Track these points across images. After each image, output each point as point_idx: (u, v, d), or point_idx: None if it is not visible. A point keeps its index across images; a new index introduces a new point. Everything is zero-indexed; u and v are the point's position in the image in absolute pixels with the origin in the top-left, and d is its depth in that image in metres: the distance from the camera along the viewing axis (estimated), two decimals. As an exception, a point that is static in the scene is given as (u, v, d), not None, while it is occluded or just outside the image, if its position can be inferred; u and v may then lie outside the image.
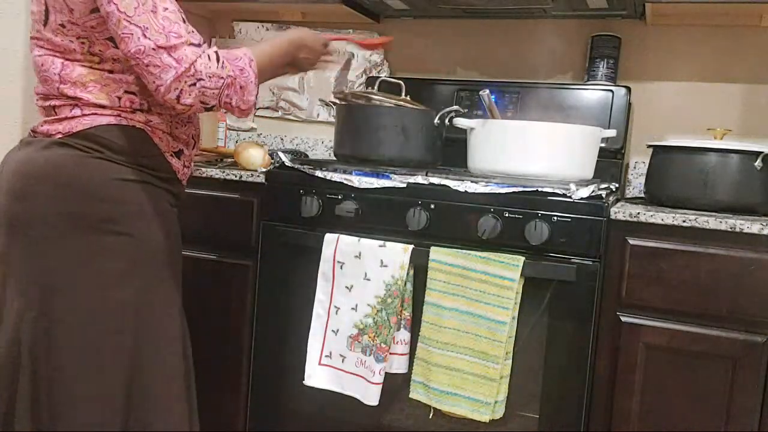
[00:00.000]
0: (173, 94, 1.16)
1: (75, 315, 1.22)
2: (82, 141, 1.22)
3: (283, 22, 2.38)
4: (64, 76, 1.23)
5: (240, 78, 1.22)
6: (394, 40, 2.26)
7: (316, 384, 1.61)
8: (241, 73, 1.22)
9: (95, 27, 1.21)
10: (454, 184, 1.53)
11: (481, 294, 1.47)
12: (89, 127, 1.23)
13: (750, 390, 1.41)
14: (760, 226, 1.38)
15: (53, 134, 1.24)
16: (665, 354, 1.46)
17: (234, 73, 1.21)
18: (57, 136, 1.24)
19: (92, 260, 1.22)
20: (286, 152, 1.87)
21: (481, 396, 1.48)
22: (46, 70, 1.24)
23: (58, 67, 1.23)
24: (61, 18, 1.21)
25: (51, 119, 1.26)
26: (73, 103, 1.24)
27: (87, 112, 1.24)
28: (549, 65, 2.12)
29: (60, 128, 1.24)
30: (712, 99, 1.97)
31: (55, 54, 1.24)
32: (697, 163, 1.58)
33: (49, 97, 1.26)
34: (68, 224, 1.21)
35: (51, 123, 1.25)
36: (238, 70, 1.22)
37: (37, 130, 1.28)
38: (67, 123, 1.24)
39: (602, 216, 1.44)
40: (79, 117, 1.24)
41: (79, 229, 1.21)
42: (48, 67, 1.24)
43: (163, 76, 1.14)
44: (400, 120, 1.71)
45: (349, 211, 1.60)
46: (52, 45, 1.23)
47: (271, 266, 1.71)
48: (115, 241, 1.23)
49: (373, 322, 1.55)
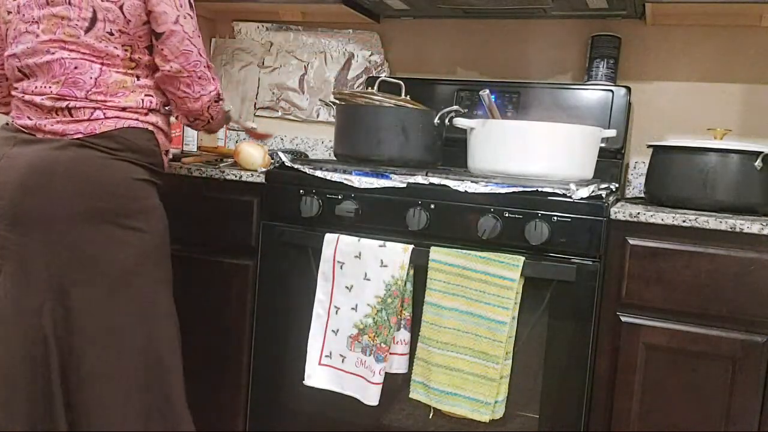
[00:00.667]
0: (208, 104, 1.42)
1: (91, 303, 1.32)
2: (106, 142, 1.33)
3: (283, 22, 2.38)
4: (101, 81, 1.33)
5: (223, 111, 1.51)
6: (394, 40, 2.26)
7: (316, 384, 1.61)
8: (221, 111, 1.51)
9: (141, 37, 1.37)
10: (454, 184, 1.53)
11: (481, 294, 1.47)
12: (113, 129, 1.33)
13: (750, 390, 1.41)
14: (760, 226, 1.38)
15: (70, 134, 1.32)
16: (665, 354, 1.46)
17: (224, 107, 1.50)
18: (75, 137, 1.32)
19: (107, 251, 1.33)
20: (286, 152, 1.87)
21: (481, 396, 1.48)
22: (81, 74, 1.33)
23: (96, 72, 1.34)
24: (112, 26, 1.33)
25: (66, 120, 1.33)
26: (95, 106, 1.33)
27: (110, 114, 1.34)
28: (549, 65, 2.12)
29: (80, 129, 1.32)
30: (712, 99, 1.97)
31: (93, 59, 1.34)
32: (697, 163, 1.58)
33: (67, 98, 1.33)
34: (88, 219, 1.31)
35: (66, 123, 1.33)
36: None
37: (43, 129, 1.33)
38: (89, 124, 1.32)
39: (602, 216, 1.44)
40: (102, 119, 1.33)
41: (97, 223, 1.32)
42: (84, 71, 1.33)
43: (208, 88, 1.42)
44: (400, 120, 1.71)
45: (349, 211, 1.60)
46: (93, 50, 1.33)
47: (271, 266, 1.71)
48: (128, 234, 1.35)
49: (373, 322, 1.55)
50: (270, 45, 2.41)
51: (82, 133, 1.32)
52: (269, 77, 2.42)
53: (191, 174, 1.76)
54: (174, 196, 1.78)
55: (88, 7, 1.31)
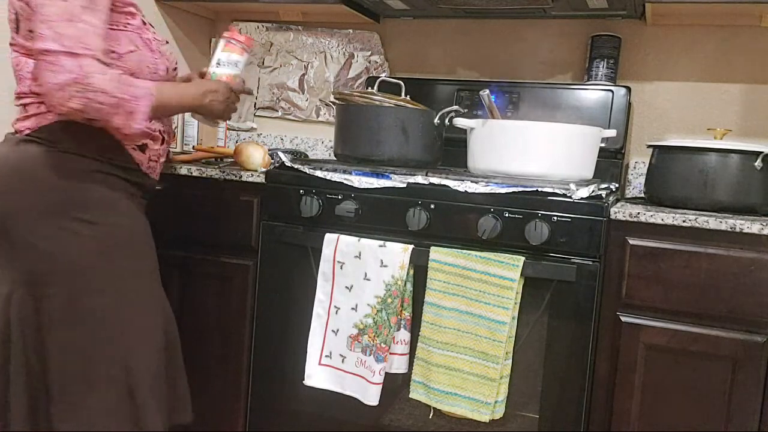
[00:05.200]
0: (61, 95, 1.21)
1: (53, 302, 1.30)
2: (47, 135, 1.32)
3: (283, 22, 2.38)
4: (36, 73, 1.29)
5: (130, 103, 1.27)
6: (394, 40, 2.26)
7: (316, 384, 1.61)
8: (134, 99, 1.27)
9: None
10: (454, 184, 1.53)
11: (481, 294, 1.47)
12: (53, 122, 1.32)
13: (750, 390, 1.41)
14: (760, 226, 1.38)
15: (22, 131, 1.34)
16: (665, 354, 1.46)
17: (125, 96, 1.26)
18: (25, 132, 1.34)
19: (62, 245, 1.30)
20: (286, 152, 1.87)
21: (480, 396, 1.48)
22: (21, 70, 1.35)
23: (30, 65, 1.33)
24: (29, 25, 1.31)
25: (22, 117, 1.36)
26: (39, 100, 1.33)
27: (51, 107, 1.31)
28: (549, 65, 2.12)
29: (28, 125, 1.34)
30: (712, 99, 1.97)
31: (28, 55, 1.34)
32: (697, 163, 1.58)
33: (22, 96, 1.36)
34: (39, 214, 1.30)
35: (21, 120, 1.36)
36: (131, 96, 1.27)
37: (14, 127, 1.38)
38: (35, 119, 1.34)
39: (602, 216, 1.44)
40: (44, 113, 1.33)
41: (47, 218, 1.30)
42: (22, 66, 1.35)
43: (59, 77, 1.21)
44: (400, 120, 1.71)
45: (349, 211, 1.60)
46: (25, 48, 1.34)
47: (271, 266, 1.71)
48: (82, 227, 1.31)
49: (373, 322, 1.55)
50: (270, 45, 2.41)
51: (29, 128, 1.33)
52: (269, 77, 2.42)
53: (191, 174, 1.76)
54: (174, 196, 1.78)
55: (12, 9, 1.34)
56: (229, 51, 1.51)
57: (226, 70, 1.50)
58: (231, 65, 1.51)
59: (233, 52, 1.51)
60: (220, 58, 1.51)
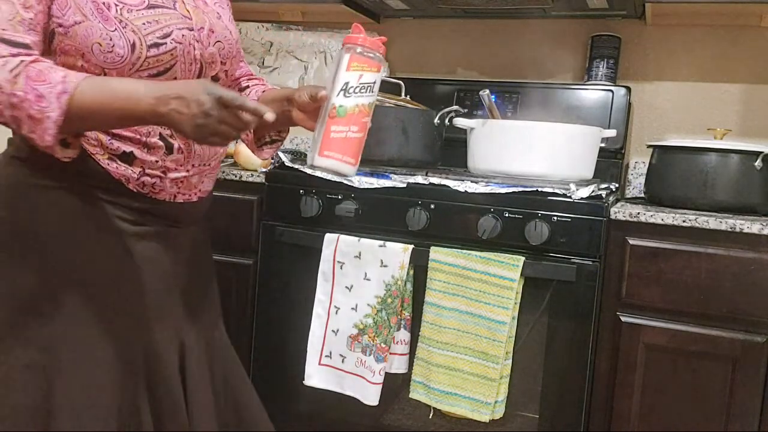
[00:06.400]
0: None
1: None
2: None
3: (283, 22, 2.38)
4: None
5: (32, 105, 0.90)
6: (395, 40, 2.26)
7: (316, 384, 1.61)
8: (37, 100, 0.90)
9: None
10: (454, 184, 1.53)
11: (481, 294, 1.47)
12: None
13: (750, 390, 1.41)
14: (760, 226, 1.38)
15: None
16: (665, 354, 1.46)
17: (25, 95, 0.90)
18: None
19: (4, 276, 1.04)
20: (286, 152, 1.87)
21: (480, 396, 1.48)
22: None
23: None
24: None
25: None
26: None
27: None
28: (549, 65, 2.12)
29: None
30: (712, 99, 1.97)
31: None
32: (697, 163, 1.58)
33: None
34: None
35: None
36: (34, 94, 0.90)
37: None
38: None
39: (602, 216, 1.44)
40: None
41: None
42: None
43: None
44: (400, 120, 1.71)
45: (349, 211, 1.60)
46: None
47: (271, 266, 1.71)
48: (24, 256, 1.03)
49: (373, 322, 1.55)
50: (270, 45, 2.41)
51: None
52: (269, 77, 2.42)
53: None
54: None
55: None
56: (361, 69, 1.04)
57: (359, 100, 1.01)
58: (364, 91, 1.03)
59: (367, 71, 1.05)
60: (349, 81, 1.01)
